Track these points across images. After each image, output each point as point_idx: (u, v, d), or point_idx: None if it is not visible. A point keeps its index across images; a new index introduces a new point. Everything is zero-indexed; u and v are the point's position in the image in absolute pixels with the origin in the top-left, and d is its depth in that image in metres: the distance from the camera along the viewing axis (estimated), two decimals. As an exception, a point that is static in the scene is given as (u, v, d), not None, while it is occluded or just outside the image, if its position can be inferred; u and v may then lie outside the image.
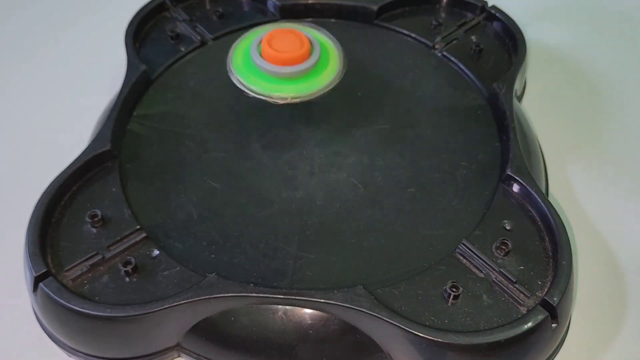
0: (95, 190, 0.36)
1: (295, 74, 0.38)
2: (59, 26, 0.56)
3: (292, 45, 0.38)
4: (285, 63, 0.38)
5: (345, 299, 0.30)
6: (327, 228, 0.35)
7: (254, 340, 0.31)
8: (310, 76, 0.39)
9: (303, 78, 0.39)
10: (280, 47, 0.38)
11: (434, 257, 0.33)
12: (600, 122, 0.47)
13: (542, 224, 0.34)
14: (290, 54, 0.38)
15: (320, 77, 0.39)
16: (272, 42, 0.39)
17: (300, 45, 0.39)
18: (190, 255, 0.34)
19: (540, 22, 0.54)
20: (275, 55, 0.38)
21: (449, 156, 0.38)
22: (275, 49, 0.38)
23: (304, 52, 0.39)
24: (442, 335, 0.29)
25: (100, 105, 0.43)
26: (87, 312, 0.30)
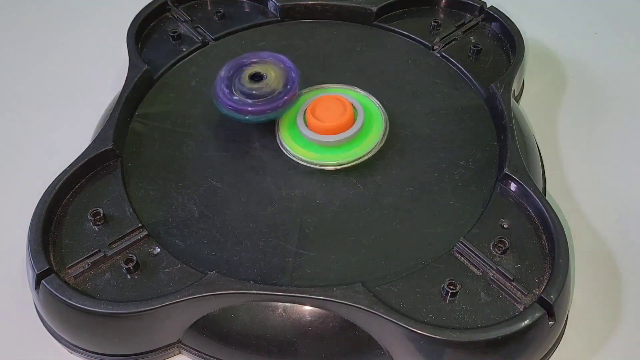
0: (98, 188, 0.36)
1: (339, 142, 0.38)
2: (62, 26, 0.56)
3: (335, 114, 0.38)
4: (328, 132, 0.38)
5: (344, 296, 0.30)
6: (326, 226, 0.35)
7: (254, 337, 0.32)
8: (354, 143, 0.38)
9: (347, 145, 0.38)
10: (323, 116, 0.38)
11: (432, 255, 0.33)
12: (597, 121, 0.47)
13: (540, 223, 0.34)
14: (333, 123, 0.38)
15: (363, 143, 0.38)
16: (315, 111, 0.39)
17: (343, 113, 0.38)
18: (191, 253, 0.34)
19: (538, 22, 0.55)
20: (319, 125, 0.38)
21: (447, 155, 0.39)
22: (318, 118, 0.38)
23: (347, 119, 0.38)
24: (440, 332, 0.29)
25: (103, 105, 0.44)
26: (89, 309, 0.31)
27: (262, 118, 0.38)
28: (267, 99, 0.38)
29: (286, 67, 0.39)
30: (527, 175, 0.35)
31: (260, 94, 0.38)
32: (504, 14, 0.46)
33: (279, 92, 0.38)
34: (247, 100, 0.38)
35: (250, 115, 0.38)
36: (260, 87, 0.38)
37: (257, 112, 0.38)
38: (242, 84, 0.38)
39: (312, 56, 0.45)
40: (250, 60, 0.39)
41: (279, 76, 0.38)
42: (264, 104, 0.38)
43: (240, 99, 0.38)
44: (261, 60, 0.39)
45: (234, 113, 0.38)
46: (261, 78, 0.38)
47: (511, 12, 0.47)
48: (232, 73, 0.39)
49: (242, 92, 0.38)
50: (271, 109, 0.38)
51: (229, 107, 0.38)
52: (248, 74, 0.38)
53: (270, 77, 0.38)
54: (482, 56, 0.45)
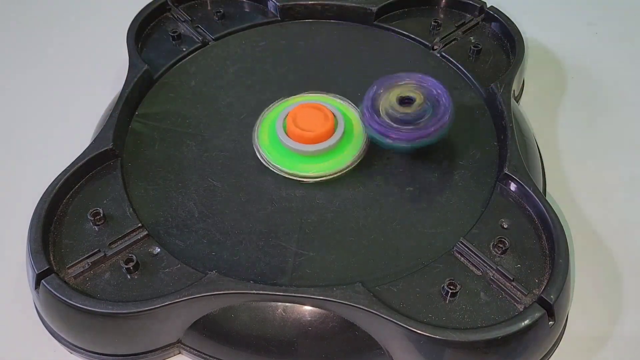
0: (97, 188, 0.36)
1: (319, 152, 0.37)
2: (61, 26, 0.56)
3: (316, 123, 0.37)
4: (309, 142, 0.37)
5: (344, 296, 0.30)
6: (326, 226, 0.35)
7: (254, 336, 0.32)
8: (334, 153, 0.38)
9: (327, 155, 0.38)
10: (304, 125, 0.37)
11: (432, 255, 0.33)
12: (597, 121, 0.47)
13: (540, 223, 0.34)
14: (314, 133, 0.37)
15: (343, 154, 0.38)
16: (297, 120, 0.37)
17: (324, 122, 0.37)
18: (191, 253, 0.34)
19: (538, 22, 0.55)
20: (300, 134, 0.37)
21: (447, 155, 0.38)
22: (300, 127, 0.37)
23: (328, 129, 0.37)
24: (439, 332, 0.29)
25: (103, 105, 0.44)
26: (89, 309, 0.31)
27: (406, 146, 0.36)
28: (414, 127, 0.35)
29: (438, 93, 0.36)
30: (527, 175, 0.35)
31: (407, 120, 0.35)
32: (504, 14, 0.46)
33: (427, 120, 0.35)
34: (392, 125, 0.35)
35: (393, 141, 0.35)
36: (407, 112, 0.35)
37: (399, 139, 0.35)
38: (391, 106, 0.36)
39: (312, 56, 0.45)
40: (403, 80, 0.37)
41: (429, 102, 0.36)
42: (409, 132, 0.35)
43: (385, 122, 0.36)
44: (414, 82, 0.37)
45: (376, 135, 0.36)
46: (410, 101, 0.36)
47: (511, 12, 0.47)
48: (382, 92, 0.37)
49: (389, 114, 0.36)
50: (415, 137, 0.35)
51: (373, 128, 0.36)
52: (397, 95, 0.36)
53: (419, 101, 0.36)
54: (482, 56, 0.45)
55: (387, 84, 0.37)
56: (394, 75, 0.38)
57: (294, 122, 0.37)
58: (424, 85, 0.37)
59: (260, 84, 0.43)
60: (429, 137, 0.35)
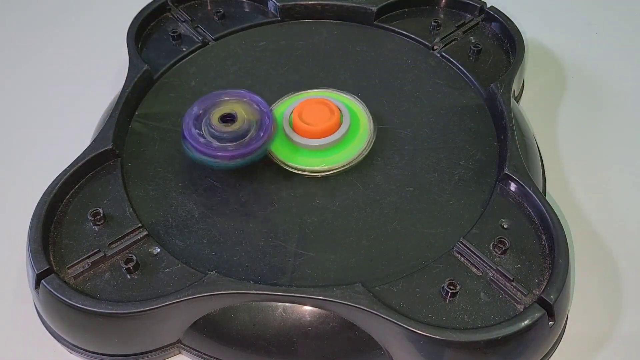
0: (97, 188, 0.36)
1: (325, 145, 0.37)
2: (61, 26, 0.56)
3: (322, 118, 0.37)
4: (315, 136, 0.37)
5: (344, 296, 0.30)
6: (326, 226, 0.35)
7: (254, 337, 0.32)
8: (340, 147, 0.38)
9: (333, 149, 0.38)
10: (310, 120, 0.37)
11: (432, 255, 0.33)
12: (597, 121, 0.47)
13: (540, 223, 0.34)
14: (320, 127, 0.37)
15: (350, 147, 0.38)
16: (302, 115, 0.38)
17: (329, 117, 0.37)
18: (191, 253, 0.34)
19: (538, 22, 0.55)
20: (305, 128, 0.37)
21: (447, 155, 0.39)
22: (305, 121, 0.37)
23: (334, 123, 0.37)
24: (439, 332, 0.29)
25: (103, 105, 0.44)
26: (89, 309, 0.31)
27: (230, 164, 0.35)
28: (237, 144, 0.35)
29: (260, 110, 0.36)
30: (527, 175, 0.35)
31: (231, 138, 0.35)
32: (504, 14, 0.46)
33: (251, 137, 0.35)
34: (215, 144, 0.35)
35: (219, 160, 0.35)
36: (231, 130, 0.35)
37: (225, 157, 0.35)
38: (212, 125, 0.35)
39: (312, 56, 0.45)
40: (222, 98, 0.37)
41: (252, 119, 0.36)
42: (234, 150, 0.35)
43: (210, 141, 0.35)
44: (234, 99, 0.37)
45: (201, 157, 0.35)
46: (233, 120, 0.35)
47: (511, 12, 0.47)
48: (201, 112, 0.36)
49: (212, 134, 0.35)
50: (240, 155, 0.35)
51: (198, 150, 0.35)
52: (219, 114, 0.36)
53: (241, 118, 0.35)
54: (482, 56, 0.45)
55: (207, 103, 0.36)
56: (213, 94, 0.37)
57: (300, 116, 0.38)
58: (243, 101, 0.36)
59: (260, 84, 0.43)
60: (257, 152, 0.35)
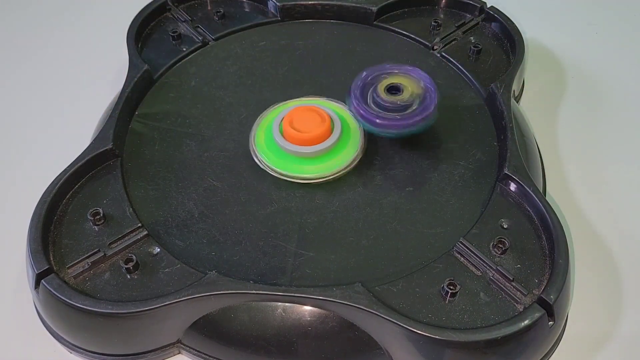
0: (97, 188, 0.36)
1: (316, 153, 0.37)
2: (61, 26, 0.56)
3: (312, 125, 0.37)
4: (306, 143, 0.37)
5: (344, 296, 0.30)
6: (326, 226, 0.35)
7: (254, 337, 0.32)
8: (331, 154, 0.38)
9: (324, 157, 0.37)
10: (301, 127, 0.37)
11: (431, 255, 0.33)
12: (597, 121, 0.47)
13: (540, 223, 0.34)
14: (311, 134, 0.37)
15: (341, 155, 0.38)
16: (293, 122, 0.37)
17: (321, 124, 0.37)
18: (191, 253, 0.34)
19: (538, 22, 0.55)
20: (296, 136, 0.37)
21: (447, 155, 0.39)
22: (296, 129, 0.37)
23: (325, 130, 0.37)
24: (439, 332, 0.29)
25: (103, 104, 0.44)
26: (89, 309, 0.31)
27: (392, 133, 0.37)
28: (400, 115, 0.36)
29: (426, 86, 0.37)
30: (527, 176, 0.35)
31: (394, 108, 0.36)
32: (504, 14, 0.46)
33: (413, 110, 0.36)
34: (378, 111, 0.36)
35: (378, 127, 0.36)
36: (394, 101, 0.36)
37: (385, 126, 0.36)
38: (378, 94, 0.37)
39: (312, 56, 0.45)
40: (391, 70, 0.38)
41: (416, 93, 0.37)
42: (394, 120, 0.36)
43: (372, 108, 0.36)
44: (402, 72, 0.38)
45: (363, 122, 0.37)
46: (398, 91, 0.37)
47: (511, 12, 0.47)
48: (370, 80, 0.38)
49: (376, 102, 0.37)
50: (401, 125, 0.36)
51: (360, 114, 0.36)
52: (386, 84, 0.37)
53: (407, 92, 0.37)
54: (482, 56, 0.45)
55: (376, 72, 0.38)
56: (384, 65, 0.38)
57: (291, 124, 0.37)
58: (412, 76, 0.38)
59: (260, 84, 0.43)
60: (414, 126, 0.36)
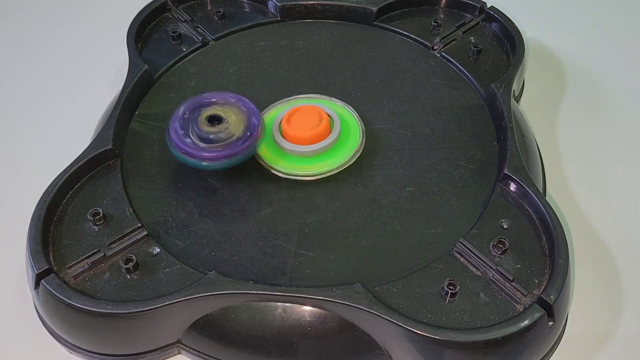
0: (97, 188, 0.36)
1: (316, 151, 0.37)
2: (61, 26, 0.56)
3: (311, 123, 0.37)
4: (306, 142, 0.37)
5: (344, 296, 0.30)
6: (326, 226, 0.35)
7: (254, 337, 0.32)
8: (331, 153, 0.38)
9: (324, 155, 0.38)
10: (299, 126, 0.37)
11: (431, 255, 0.33)
12: (597, 122, 0.47)
13: (539, 223, 0.34)
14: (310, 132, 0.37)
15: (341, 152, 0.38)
16: (291, 121, 0.38)
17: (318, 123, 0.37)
18: (191, 253, 0.34)
19: (538, 22, 0.55)
20: (295, 135, 0.37)
21: (447, 155, 0.39)
22: (295, 128, 0.37)
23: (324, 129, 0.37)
24: (439, 332, 0.29)
25: (103, 105, 0.44)
26: (89, 309, 0.31)
27: (216, 165, 0.35)
28: (225, 144, 0.35)
29: (248, 111, 0.36)
30: (527, 176, 0.35)
31: (217, 139, 0.35)
32: (504, 14, 0.46)
33: (237, 138, 0.35)
34: (201, 145, 0.35)
35: (205, 161, 0.35)
36: (217, 131, 0.35)
37: (212, 158, 0.35)
38: (199, 126, 0.35)
39: (312, 56, 0.45)
40: (210, 100, 0.36)
41: (240, 120, 0.35)
42: (219, 150, 0.34)
43: (196, 142, 0.35)
44: (222, 101, 0.36)
45: (187, 158, 0.35)
46: (220, 121, 0.35)
47: (511, 12, 0.47)
48: (188, 113, 0.36)
49: (199, 135, 0.35)
50: (226, 155, 0.35)
51: (182, 150, 0.35)
52: (205, 115, 0.35)
53: (230, 120, 0.35)
54: (482, 56, 0.45)
55: (194, 104, 0.36)
56: (201, 96, 0.37)
57: (290, 123, 0.37)
58: (231, 103, 0.36)
59: (260, 84, 0.43)
60: (245, 153, 0.35)
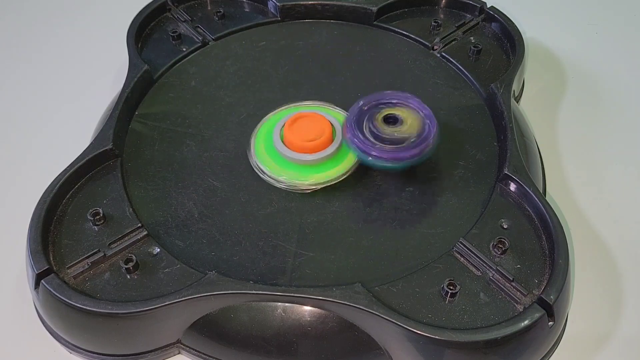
0: (97, 188, 0.36)
1: (317, 161, 0.37)
2: (61, 26, 0.56)
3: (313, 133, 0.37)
4: (307, 151, 0.37)
5: (344, 296, 0.30)
6: (326, 226, 0.35)
7: (254, 337, 0.32)
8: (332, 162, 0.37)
9: (325, 164, 0.37)
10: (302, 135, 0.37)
11: (431, 255, 0.33)
12: (597, 122, 0.47)
13: (539, 223, 0.34)
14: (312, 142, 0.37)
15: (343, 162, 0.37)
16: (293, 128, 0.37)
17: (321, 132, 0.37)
18: (191, 253, 0.34)
19: (538, 22, 0.55)
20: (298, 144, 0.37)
21: (447, 155, 0.38)
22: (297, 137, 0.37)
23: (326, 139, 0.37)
24: (439, 332, 0.29)
25: (103, 105, 0.44)
26: (89, 309, 0.31)
27: (387, 164, 0.35)
28: (396, 148, 0.35)
29: (425, 116, 0.36)
30: (527, 176, 0.35)
31: (391, 140, 0.35)
32: (504, 14, 0.46)
33: (411, 142, 0.35)
34: (374, 143, 0.35)
35: (374, 159, 0.35)
36: (391, 133, 0.35)
37: (381, 158, 0.34)
38: (375, 124, 0.35)
39: (312, 56, 0.45)
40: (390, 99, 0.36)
41: (415, 125, 0.35)
42: (390, 152, 0.34)
43: (368, 139, 0.35)
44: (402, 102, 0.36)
45: (357, 151, 0.35)
46: (396, 122, 0.35)
47: (511, 12, 0.47)
48: (367, 108, 0.36)
49: (372, 132, 0.35)
50: (397, 158, 0.34)
51: (355, 144, 0.35)
52: (383, 114, 0.35)
53: (405, 123, 0.35)
54: (482, 56, 0.45)
55: (374, 100, 0.36)
56: (382, 93, 0.37)
57: (292, 131, 0.37)
58: (410, 106, 0.36)
59: (260, 84, 0.43)
60: (411, 159, 0.35)
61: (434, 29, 0.46)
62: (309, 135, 0.37)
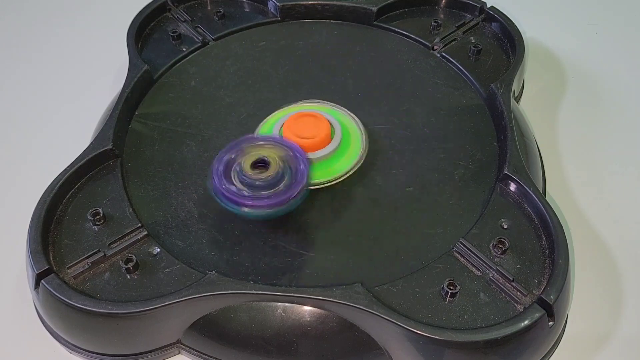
0: (97, 188, 0.36)
1: (317, 160, 0.36)
2: (62, 26, 0.56)
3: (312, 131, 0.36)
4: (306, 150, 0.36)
5: (344, 296, 0.30)
6: (326, 226, 0.35)
7: (254, 337, 0.32)
8: (331, 161, 0.37)
9: (324, 163, 0.37)
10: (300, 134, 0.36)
11: (431, 255, 0.33)
12: (597, 122, 0.47)
13: (539, 223, 0.34)
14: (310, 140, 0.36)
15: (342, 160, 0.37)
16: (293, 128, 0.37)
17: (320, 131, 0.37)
18: (191, 253, 0.34)
19: (538, 22, 0.55)
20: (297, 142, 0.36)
21: (447, 156, 0.39)
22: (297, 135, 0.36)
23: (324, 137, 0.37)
24: (439, 332, 0.29)
25: (103, 105, 0.44)
26: (89, 309, 0.31)
27: (261, 213, 0.33)
28: (270, 193, 0.32)
29: (295, 156, 0.34)
30: (527, 176, 0.35)
31: (264, 185, 0.32)
32: (504, 14, 0.46)
33: (284, 186, 0.33)
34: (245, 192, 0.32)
35: (248, 209, 0.32)
36: (264, 177, 0.32)
37: (255, 206, 0.32)
38: (244, 171, 0.33)
39: (312, 56, 0.45)
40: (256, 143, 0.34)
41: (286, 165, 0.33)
42: (264, 199, 0.32)
43: (240, 188, 0.33)
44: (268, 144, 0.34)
45: (229, 204, 0.33)
46: (266, 166, 0.33)
47: (511, 12, 0.47)
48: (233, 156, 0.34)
49: (242, 181, 0.33)
50: (272, 204, 0.32)
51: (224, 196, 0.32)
52: (251, 160, 0.33)
53: (275, 165, 0.33)
54: (482, 56, 0.45)
55: (240, 147, 0.34)
56: (247, 137, 0.35)
57: (291, 131, 0.37)
58: (278, 147, 0.34)
59: (260, 84, 0.43)
60: (288, 204, 0.33)
61: (434, 29, 0.46)
62: (308, 133, 0.37)
